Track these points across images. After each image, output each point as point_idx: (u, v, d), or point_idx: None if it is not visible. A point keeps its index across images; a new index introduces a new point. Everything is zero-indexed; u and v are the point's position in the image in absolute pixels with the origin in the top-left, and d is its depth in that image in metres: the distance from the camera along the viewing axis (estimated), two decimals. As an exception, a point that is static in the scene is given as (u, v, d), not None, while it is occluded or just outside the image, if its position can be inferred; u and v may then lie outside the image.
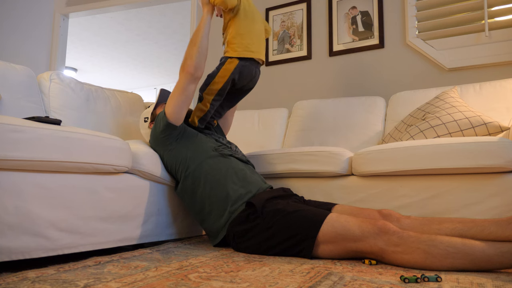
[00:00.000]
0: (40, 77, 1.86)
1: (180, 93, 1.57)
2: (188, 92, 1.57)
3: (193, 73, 1.56)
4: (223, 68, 1.62)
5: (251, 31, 1.66)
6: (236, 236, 1.40)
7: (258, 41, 1.68)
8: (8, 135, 1.02)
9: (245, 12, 1.64)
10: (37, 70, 3.62)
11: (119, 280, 0.94)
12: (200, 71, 1.58)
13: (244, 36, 1.63)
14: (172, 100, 1.58)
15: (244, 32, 1.64)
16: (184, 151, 1.58)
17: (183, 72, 1.57)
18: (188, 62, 1.57)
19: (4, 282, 0.90)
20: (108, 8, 3.90)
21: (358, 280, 0.98)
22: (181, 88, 1.57)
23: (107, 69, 6.72)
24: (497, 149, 1.45)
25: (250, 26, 1.66)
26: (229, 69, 1.61)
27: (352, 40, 2.75)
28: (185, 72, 1.56)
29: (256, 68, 1.70)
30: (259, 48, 1.68)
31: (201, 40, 1.60)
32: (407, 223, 1.31)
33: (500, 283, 0.96)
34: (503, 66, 2.29)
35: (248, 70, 1.66)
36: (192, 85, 1.57)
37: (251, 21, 1.66)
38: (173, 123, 1.57)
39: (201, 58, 1.58)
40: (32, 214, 1.09)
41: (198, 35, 1.61)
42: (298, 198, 1.57)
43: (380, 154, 1.65)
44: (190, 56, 1.57)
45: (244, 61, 1.63)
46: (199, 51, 1.58)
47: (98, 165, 1.26)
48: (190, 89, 1.57)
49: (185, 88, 1.56)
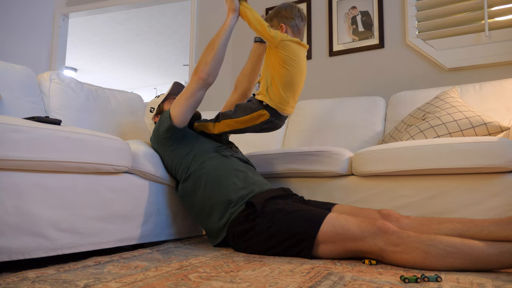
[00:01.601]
0: (40, 77, 1.86)
1: (189, 97, 1.52)
2: (197, 97, 1.53)
3: (205, 79, 1.50)
4: (252, 116, 1.51)
5: (297, 83, 1.50)
6: (236, 236, 1.40)
7: (298, 92, 1.54)
8: (8, 135, 1.02)
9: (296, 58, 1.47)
10: (37, 70, 3.61)
11: (119, 280, 0.94)
12: (213, 78, 1.52)
13: (286, 87, 1.47)
14: (179, 103, 1.54)
15: (288, 82, 1.47)
16: (184, 152, 1.57)
17: (195, 76, 1.51)
18: (202, 67, 1.50)
19: (4, 282, 0.90)
20: (108, 8, 3.90)
21: (358, 280, 0.98)
22: (190, 92, 1.52)
23: (107, 69, 6.72)
24: (497, 149, 1.45)
25: (298, 76, 1.50)
26: (257, 121, 1.52)
27: (352, 40, 2.75)
28: (197, 76, 1.50)
29: (282, 122, 1.58)
30: (295, 102, 1.54)
31: (219, 47, 1.51)
32: (406, 223, 1.31)
33: (500, 283, 0.96)
34: (503, 66, 2.29)
35: (274, 125, 1.56)
36: (202, 91, 1.53)
37: (300, 71, 1.50)
38: (177, 126, 1.55)
39: (216, 65, 1.52)
40: (32, 214, 1.09)
41: (216, 42, 1.52)
42: (298, 198, 1.57)
43: (380, 154, 1.65)
44: (205, 62, 1.50)
45: (275, 117, 1.51)
46: (215, 58, 1.50)
47: (98, 165, 1.26)
48: (199, 94, 1.53)
49: (195, 93, 1.52)
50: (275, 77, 1.47)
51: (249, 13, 1.50)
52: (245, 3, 1.54)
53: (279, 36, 1.45)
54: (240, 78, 1.85)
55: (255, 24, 1.47)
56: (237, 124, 1.55)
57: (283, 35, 1.47)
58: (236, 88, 1.86)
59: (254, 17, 1.49)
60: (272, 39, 1.45)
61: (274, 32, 1.45)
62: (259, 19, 1.48)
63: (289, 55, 1.46)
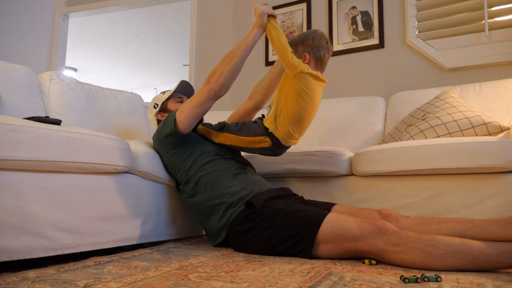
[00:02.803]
0: (40, 77, 1.86)
1: (197, 106, 1.49)
2: (205, 107, 1.50)
3: (217, 92, 1.46)
4: (253, 139, 1.49)
5: (306, 118, 1.45)
6: (235, 236, 1.40)
7: (306, 127, 1.49)
8: (8, 135, 1.02)
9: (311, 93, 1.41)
10: (37, 70, 3.60)
11: (119, 280, 0.94)
12: (225, 91, 1.48)
13: (295, 121, 1.43)
14: (186, 110, 1.50)
15: (298, 116, 1.42)
16: (185, 155, 1.56)
17: (207, 86, 1.46)
18: (215, 78, 1.45)
19: (4, 282, 0.90)
20: (108, 8, 3.90)
21: (358, 280, 0.98)
22: (199, 102, 1.48)
23: (107, 69, 6.72)
24: (497, 149, 1.45)
25: (309, 112, 1.44)
26: (257, 145, 1.50)
27: (352, 40, 2.75)
28: (209, 87, 1.45)
29: (283, 151, 1.56)
30: (301, 135, 1.50)
31: (237, 61, 1.45)
32: (406, 223, 1.31)
33: (500, 283, 0.96)
34: (503, 66, 2.29)
35: (273, 153, 1.53)
36: (211, 102, 1.49)
37: (312, 107, 1.45)
38: (180, 132, 1.53)
39: (231, 79, 1.47)
40: (32, 214, 1.09)
41: (236, 55, 1.46)
42: (298, 198, 1.57)
43: (380, 154, 1.65)
44: (220, 73, 1.45)
45: (276, 146, 1.48)
46: (231, 71, 1.45)
47: (98, 165, 1.26)
48: (208, 105, 1.49)
49: (204, 103, 1.48)
50: (285, 108, 1.42)
51: (274, 33, 1.43)
52: (274, 21, 1.48)
53: (300, 67, 1.38)
54: (257, 88, 1.79)
55: (278, 47, 1.40)
56: (237, 141, 1.53)
57: (303, 67, 1.39)
58: (251, 98, 1.81)
59: (278, 38, 1.42)
60: (292, 67, 1.38)
61: (296, 61, 1.38)
62: (284, 43, 1.41)
63: (305, 89, 1.40)
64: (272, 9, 1.49)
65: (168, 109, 1.77)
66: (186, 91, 1.84)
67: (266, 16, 1.47)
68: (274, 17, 1.49)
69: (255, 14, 1.47)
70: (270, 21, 1.47)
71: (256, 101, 1.79)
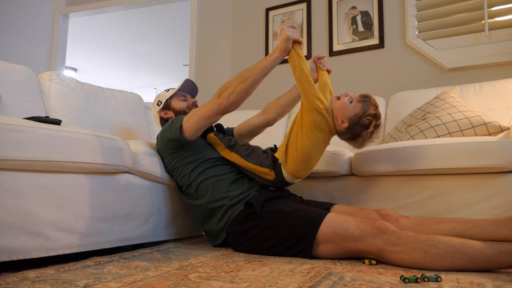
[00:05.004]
0: (40, 77, 1.86)
1: (204, 118, 1.46)
2: (212, 120, 1.47)
3: (227, 108, 1.42)
4: (258, 168, 1.47)
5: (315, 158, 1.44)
6: (235, 236, 1.40)
7: (312, 167, 1.48)
8: (8, 135, 1.02)
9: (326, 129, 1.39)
10: (37, 70, 3.61)
11: (119, 280, 0.94)
12: (234, 108, 1.44)
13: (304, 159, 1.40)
14: (193, 119, 1.47)
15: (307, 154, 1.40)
16: (187, 159, 1.55)
17: (217, 101, 1.41)
18: (227, 94, 1.40)
19: (4, 282, 0.90)
20: (108, 8, 3.90)
21: (358, 280, 0.98)
22: (207, 114, 1.45)
23: (107, 69, 6.72)
24: (497, 149, 1.45)
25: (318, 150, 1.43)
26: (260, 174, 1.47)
27: (352, 40, 2.75)
28: (219, 102, 1.41)
29: (284, 186, 1.54)
30: (305, 175, 1.48)
31: (252, 82, 1.40)
32: (405, 223, 1.31)
33: (500, 283, 0.96)
34: (503, 66, 2.29)
35: (273, 185, 1.52)
36: (219, 116, 1.46)
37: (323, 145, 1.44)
38: (185, 139, 1.51)
39: (242, 98, 1.42)
40: (32, 214, 1.09)
41: (252, 75, 1.40)
42: (297, 198, 1.57)
43: (380, 154, 1.65)
44: (232, 91, 1.40)
45: (279, 181, 1.46)
46: (244, 90, 1.40)
47: (98, 165, 1.26)
48: (215, 118, 1.46)
49: (211, 116, 1.45)
50: (297, 142, 1.40)
51: (297, 61, 1.38)
52: (298, 47, 1.42)
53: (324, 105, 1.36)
54: (272, 105, 1.77)
55: (300, 76, 1.36)
56: (243, 165, 1.51)
57: (328, 108, 1.37)
58: (263, 113, 1.78)
59: (301, 67, 1.37)
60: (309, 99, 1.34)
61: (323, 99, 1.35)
62: (306, 73, 1.36)
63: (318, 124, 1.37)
64: (299, 35, 1.43)
65: (171, 107, 1.76)
66: (190, 90, 1.84)
67: (291, 42, 1.41)
68: (299, 44, 1.44)
69: (280, 37, 1.41)
70: (294, 47, 1.41)
71: (268, 118, 1.77)
